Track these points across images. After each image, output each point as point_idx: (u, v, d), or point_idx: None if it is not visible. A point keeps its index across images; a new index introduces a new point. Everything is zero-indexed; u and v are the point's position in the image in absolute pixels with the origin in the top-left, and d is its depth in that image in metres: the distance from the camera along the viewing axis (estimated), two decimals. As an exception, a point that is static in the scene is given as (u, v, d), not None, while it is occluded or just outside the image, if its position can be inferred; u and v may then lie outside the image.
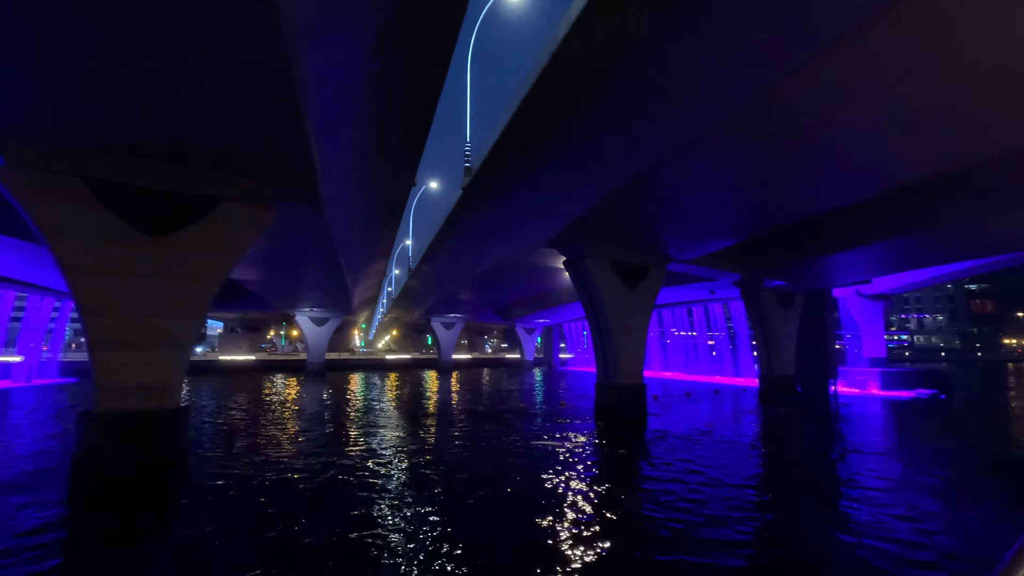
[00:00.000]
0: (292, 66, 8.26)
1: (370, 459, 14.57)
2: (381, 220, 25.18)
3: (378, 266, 41.49)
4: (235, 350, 73.57)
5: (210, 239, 12.81)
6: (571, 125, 13.14)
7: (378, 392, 38.22)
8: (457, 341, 78.43)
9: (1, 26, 7.10)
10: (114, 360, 11.91)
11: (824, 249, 23.83)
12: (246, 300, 49.46)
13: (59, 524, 9.46)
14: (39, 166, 11.00)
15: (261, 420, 22.80)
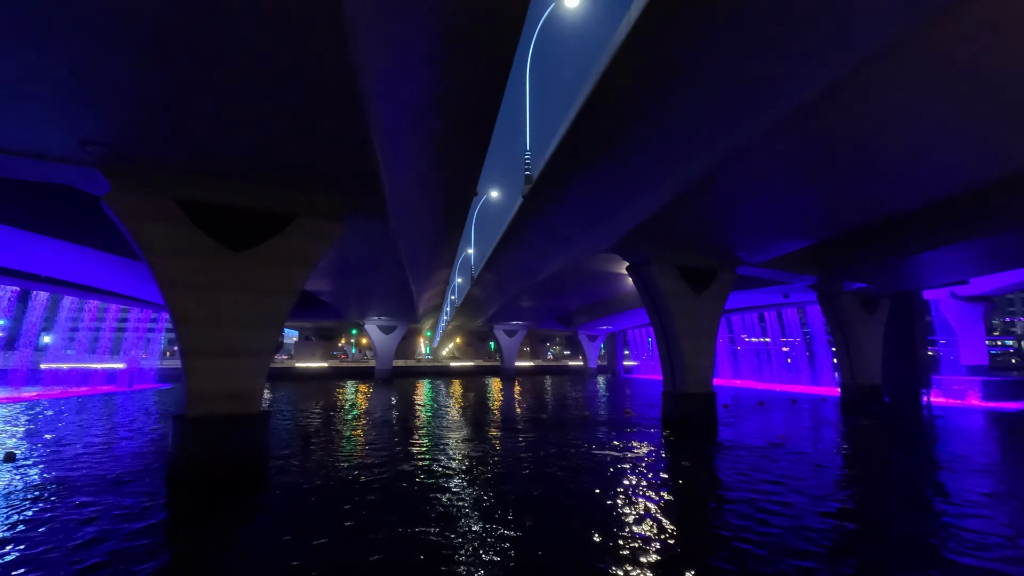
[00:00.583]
0: (360, 89, 8.65)
1: (436, 464, 14.85)
2: (444, 230, 25.77)
3: (442, 275, 42.42)
4: (309, 357, 77.34)
5: (286, 252, 13.58)
6: (634, 127, 12.92)
7: (443, 398, 38.96)
8: (519, 348, 78.73)
9: (118, 71, 7.87)
10: (203, 367, 12.83)
11: (912, 248, 22.10)
12: (319, 310, 52.01)
13: (159, 517, 10.29)
14: (139, 190, 12.08)
15: (334, 425, 23.80)
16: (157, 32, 7.06)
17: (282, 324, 14.22)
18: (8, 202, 19.10)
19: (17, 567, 7.71)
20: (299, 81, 8.37)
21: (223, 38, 7.24)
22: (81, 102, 8.98)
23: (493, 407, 32.44)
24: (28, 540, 8.82)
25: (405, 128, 12.79)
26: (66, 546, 8.59)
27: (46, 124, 9.80)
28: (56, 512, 10.37)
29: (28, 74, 7.98)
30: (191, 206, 12.57)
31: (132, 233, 12.30)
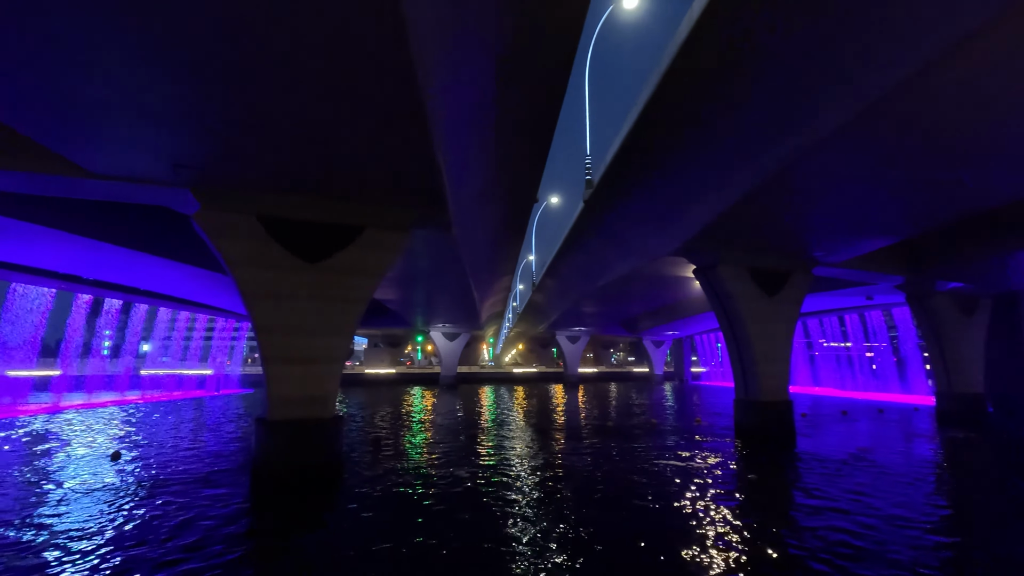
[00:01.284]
0: (425, 110, 8.92)
1: (501, 470, 14.93)
2: (505, 237, 26.01)
3: (504, 282, 42.79)
4: (378, 364, 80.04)
5: (357, 263, 14.16)
6: (702, 124, 12.52)
7: (507, 405, 39.16)
8: (583, 354, 77.94)
9: (209, 102, 8.54)
10: (282, 373, 13.57)
11: (1013, 243, 20.09)
12: (387, 317, 53.80)
13: (245, 513, 10.98)
14: (224, 208, 13.00)
15: (402, 429, 24.47)
16: (244, 67, 7.62)
17: (353, 331, 14.81)
18: (113, 224, 21.06)
19: (122, 551, 8.43)
20: (369, 104, 8.74)
21: (302, 69, 7.70)
22: (175, 130, 9.79)
23: (557, 414, 32.26)
24: (130, 529, 9.63)
25: (466, 141, 13.05)
26: (160, 535, 9.31)
27: (146, 151, 10.75)
28: (154, 505, 11.28)
29: (132, 106, 8.79)
30: (270, 221, 13.37)
31: (218, 248, 13.23)
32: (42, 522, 10.14)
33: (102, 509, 11.06)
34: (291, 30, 6.80)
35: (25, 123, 9.41)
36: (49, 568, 7.94)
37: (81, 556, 8.43)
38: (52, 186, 12.75)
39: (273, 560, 8.70)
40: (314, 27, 6.74)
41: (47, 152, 11.07)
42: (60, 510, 10.97)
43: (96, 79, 7.84)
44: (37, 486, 13.10)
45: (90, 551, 8.65)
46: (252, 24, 6.66)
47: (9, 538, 9.25)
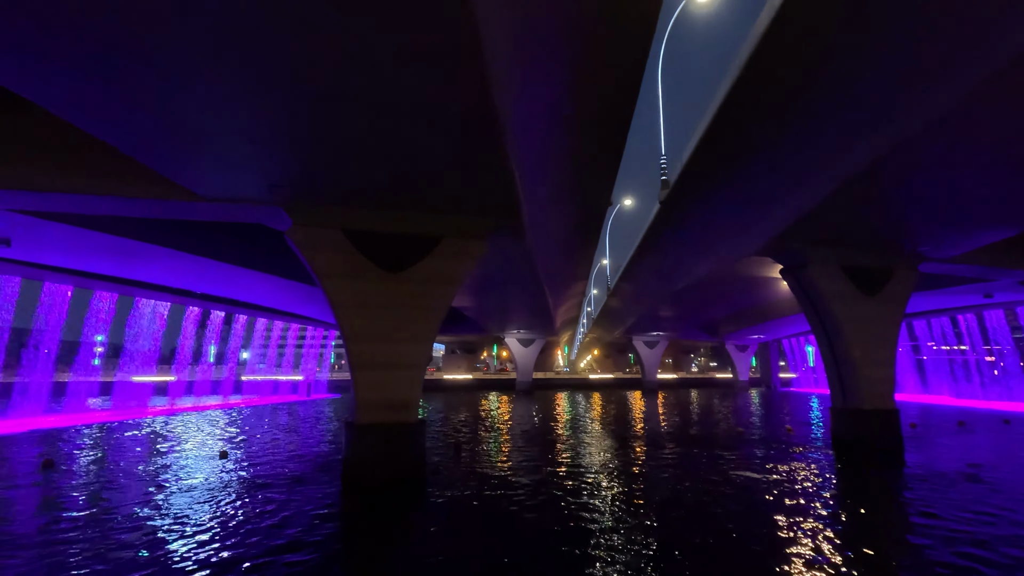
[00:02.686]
0: (499, 122, 9.07)
1: (580, 477, 14.75)
2: (579, 242, 25.82)
3: (577, 287, 42.47)
4: (455, 369, 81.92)
5: (436, 272, 14.59)
6: (789, 112, 11.70)
7: (584, 411, 38.74)
8: (661, 360, 75.70)
9: (302, 125, 9.17)
10: (368, 379, 14.19)
11: None
12: (463, 324, 54.97)
13: (337, 512, 11.59)
14: (314, 223, 13.84)
15: (481, 434, 24.85)
16: (335, 94, 8.14)
17: (433, 338, 15.24)
18: (218, 242, 23.03)
19: (224, 544, 9.13)
20: (446, 118, 9.02)
21: (388, 91, 8.10)
22: (272, 154, 10.57)
23: (636, 420, 31.50)
24: (233, 523, 10.41)
25: (540, 148, 13.11)
26: (259, 530, 9.99)
27: (247, 174, 11.68)
28: (255, 501, 12.14)
29: (236, 134, 9.60)
30: (355, 234, 14.08)
31: (309, 261, 14.10)
32: (160, 511, 11.20)
33: (211, 503, 12.05)
34: (377, 59, 7.16)
35: (147, 154, 10.52)
36: (165, 555, 8.74)
37: (192, 545, 9.21)
38: (168, 210, 14.16)
39: (363, 558, 9.08)
40: (396, 55, 7.05)
41: (165, 180, 12.29)
42: (174, 501, 12.07)
43: (208, 113, 8.64)
44: (158, 480, 14.49)
45: (200, 542, 9.43)
46: (346, 56, 7.08)
47: (131, 523, 10.28)
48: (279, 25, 6.40)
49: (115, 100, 8.20)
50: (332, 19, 6.37)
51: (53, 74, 7.40)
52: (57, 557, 8.68)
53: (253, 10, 6.10)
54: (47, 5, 5.88)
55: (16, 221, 16.09)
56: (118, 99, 8.17)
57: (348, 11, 6.27)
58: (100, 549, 9.06)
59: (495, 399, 53.81)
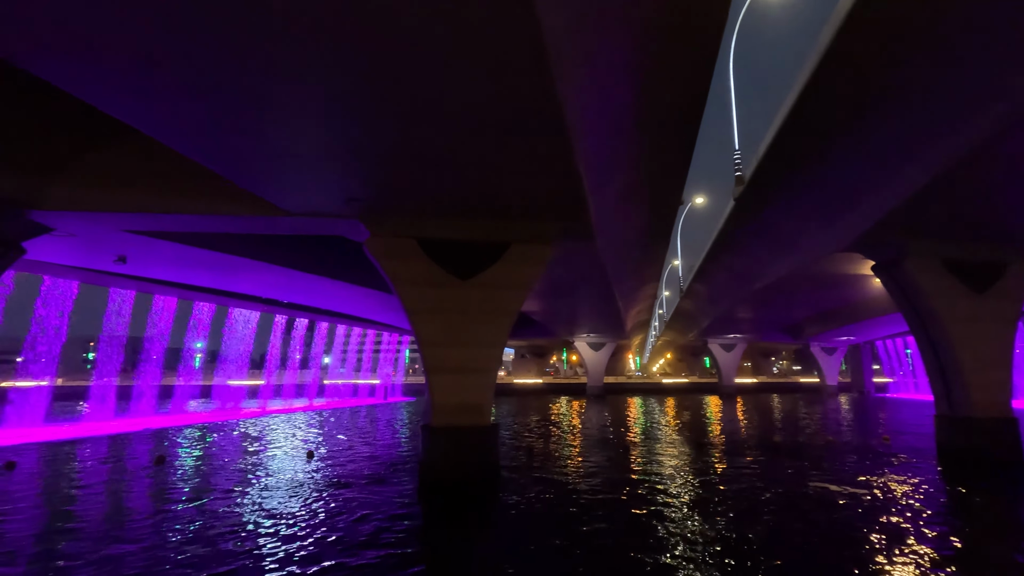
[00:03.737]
0: (566, 126, 9.09)
1: (656, 486, 14.36)
2: (649, 243, 25.26)
3: (648, 289, 41.51)
4: (525, 374, 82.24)
5: (505, 278, 14.77)
6: (885, 91, 10.85)
7: (658, 417, 37.72)
8: (739, 363, 72.36)
9: (376, 142, 9.64)
10: (442, 383, 14.57)
11: None
12: (532, 328, 55.14)
13: (414, 512, 11.96)
14: (389, 234, 14.43)
15: (553, 439, 24.80)
16: (407, 112, 8.52)
17: (504, 343, 15.43)
18: (300, 254, 24.50)
19: (309, 538, 9.66)
20: (512, 125, 9.16)
21: (455, 105, 8.35)
22: (349, 169, 11.16)
23: (713, 427, 30.28)
24: (316, 520, 10.99)
25: (607, 149, 12.99)
26: (342, 527, 10.48)
27: (327, 189, 12.39)
28: (339, 499, 12.76)
29: (318, 153, 10.23)
30: (427, 243, 14.54)
31: (385, 270, 14.71)
32: (254, 505, 12.02)
33: (299, 499, 12.79)
34: (451, 76, 7.40)
35: (240, 175, 11.41)
36: (257, 546, 9.36)
37: (281, 538, 9.81)
38: (258, 225, 15.27)
39: (439, 557, 9.32)
40: (468, 69, 7.26)
41: (255, 198, 13.26)
42: (266, 496, 12.92)
43: (292, 135, 9.29)
44: (252, 476, 15.57)
45: (287, 536, 10.03)
46: (419, 76, 7.38)
47: (229, 515, 11.11)
48: (360, 52, 6.75)
49: (214, 127, 8.98)
50: (408, 49, 6.66)
51: (161, 104, 8.22)
52: (168, 542, 9.54)
53: (342, 44, 6.48)
54: (163, 56, 6.54)
55: (131, 240, 17.89)
56: (216, 126, 8.94)
57: (424, 44, 6.56)
58: (202, 536, 9.87)
59: (565, 404, 53.51)
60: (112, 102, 8.24)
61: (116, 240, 17.67)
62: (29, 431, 27.38)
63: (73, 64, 7.03)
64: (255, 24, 6.09)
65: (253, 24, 6.09)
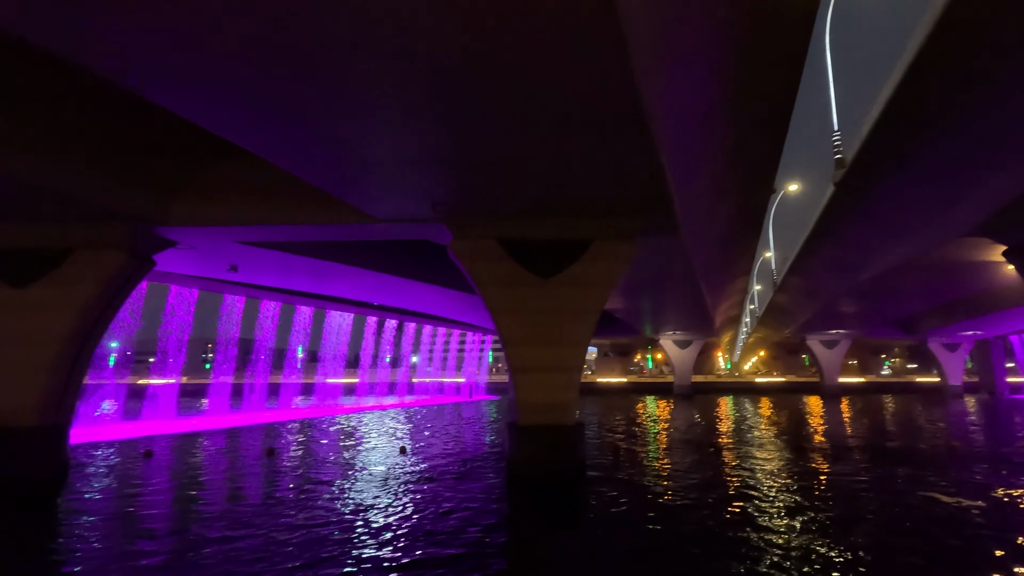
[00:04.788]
0: (646, 111, 8.83)
1: (751, 489, 13.61)
2: (738, 236, 24.03)
3: (738, 284, 39.49)
4: (609, 373, 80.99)
5: (587, 276, 14.62)
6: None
7: (752, 418, 35.75)
8: (843, 361, 66.95)
9: (462, 150, 9.92)
10: (526, 382, 14.68)
11: None
12: (615, 326, 54.21)
13: (502, 508, 12.18)
14: (471, 235, 14.74)
15: (639, 439, 24.24)
16: (489, 117, 8.68)
17: (588, 342, 15.29)
18: (389, 258, 25.69)
19: (400, 529, 10.07)
20: (592, 122, 9.05)
21: (535, 108, 8.40)
22: (433, 175, 11.54)
23: (815, 430, 28.23)
24: (410, 512, 11.45)
25: (691, 139, 12.49)
26: (431, 520, 10.85)
27: (413, 195, 12.88)
28: (429, 493, 13.22)
29: (404, 161, 10.68)
30: (508, 243, 14.71)
31: (468, 271, 15.05)
32: (353, 496, 12.74)
33: (394, 492, 13.40)
34: (530, 75, 7.44)
35: (333, 185, 12.15)
36: (355, 535, 9.90)
37: (376, 527, 10.31)
38: (350, 232, 16.18)
39: (526, 553, 9.39)
40: (548, 71, 7.27)
41: (347, 206, 14.05)
42: (363, 488, 13.64)
43: (380, 145, 9.76)
44: (350, 469, 16.52)
45: (382, 525, 10.52)
46: (502, 81, 7.51)
47: (330, 505, 11.84)
48: (443, 63, 6.96)
49: (310, 144, 9.64)
50: (490, 53, 6.79)
51: (266, 126, 8.95)
52: (278, 526, 10.35)
53: (425, 56, 6.73)
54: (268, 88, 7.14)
55: (241, 251, 19.59)
56: (312, 143, 9.59)
57: (505, 46, 6.65)
58: (306, 524, 10.60)
59: (652, 403, 52.11)
60: (225, 126, 9.09)
61: (229, 251, 19.41)
62: (162, 423, 30.82)
63: (193, 96, 7.87)
64: (341, 52, 6.51)
65: (340, 52, 6.52)
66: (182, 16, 5.81)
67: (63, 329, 13.98)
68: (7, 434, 13.52)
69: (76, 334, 14.23)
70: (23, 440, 13.64)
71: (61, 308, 14.02)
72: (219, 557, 8.81)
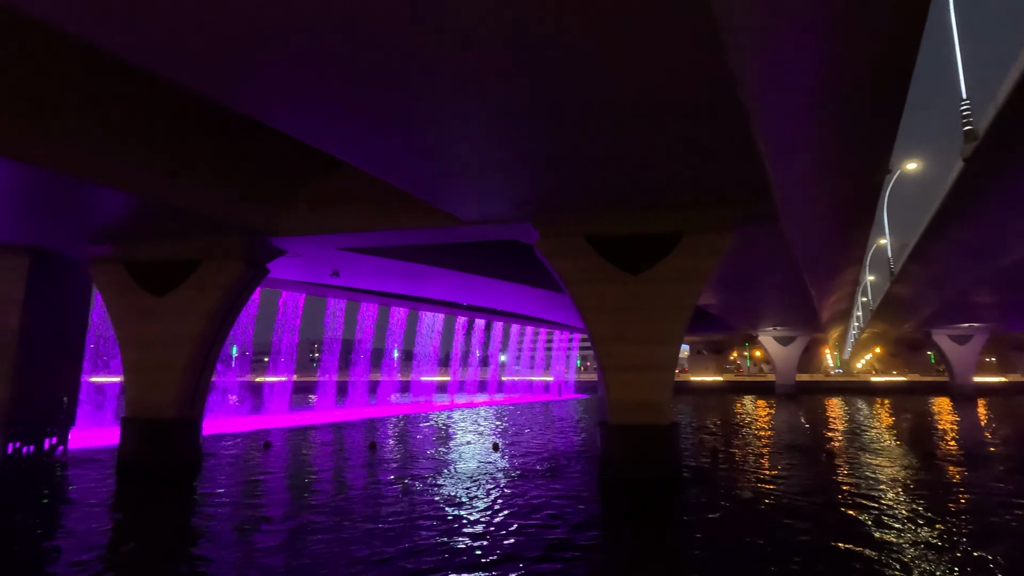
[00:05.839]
0: (742, 98, 8.34)
1: (863, 499, 12.42)
2: (847, 222, 22.07)
3: (848, 275, 36.30)
4: (702, 371, 77.65)
5: (678, 270, 14.07)
6: None
7: (868, 421, 32.73)
8: (978, 358, 59.49)
9: (546, 148, 9.96)
10: (618, 380, 14.40)
11: None
12: (708, 323, 51.77)
13: (596, 509, 12.11)
14: (557, 233, 14.71)
15: (739, 441, 22.99)
16: (576, 117, 8.63)
17: (681, 339, 14.72)
18: (476, 259, 26.28)
19: (492, 523, 10.22)
20: (680, 110, 8.70)
21: (625, 99, 8.20)
22: (518, 176, 11.64)
23: (944, 436, 25.30)
24: (500, 506, 11.61)
25: (792, 120, 11.64)
26: (525, 516, 10.94)
27: (497, 197, 13.08)
28: (522, 490, 13.36)
29: (491, 164, 10.89)
30: (596, 239, 14.51)
31: (555, 269, 15.02)
32: (450, 490, 13.15)
33: (486, 488, 13.69)
34: (617, 68, 7.30)
35: (424, 191, 12.64)
36: (454, 527, 10.19)
37: (468, 523, 10.55)
38: (440, 235, 16.72)
39: (618, 555, 9.20)
40: (634, 59, 7.08)
41: (436, 210, 14.54)
42: (458, 482, 14.05)
43: (467, 150, 10.03)
44: (446, 464, 17.09)
45: (475, 519, 10.76)
46: (588, 76, 7.43)
47: (427, 498, 12.30)
48: (530, 64, 7.01)
49: (403, 152, 10.10)
50: (577, 50, 6.73)
51: (366, 138, 9.50)
52: (380, 515, 10.92)
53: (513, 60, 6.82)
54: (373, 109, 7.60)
55: (342, 257, 20.92)
56: (404, 152, 10.04)
57: (592, 43, 6.59)
58: (406, 514, 11.11)
59: (750, 404, 49.26)
60: (332, 143, 9.84)
61: (331, 257, 20.78)
62: (277, 418, 33.65)
63: (303, 117, 8.65)
64: (432, 66, 6.82)
65: (430, 67, 6.84)
66: (315, 56, 6.60)
67: (195, 332, 15.64)
68: (153, 425, 15.37)
69: (205, 337, 15.87)
70: (165, 430, 15.44)
71: (193, 314, 15.70)
72: (328, 541, 9.47)
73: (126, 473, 15.08)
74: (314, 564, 8.41)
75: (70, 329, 19.13)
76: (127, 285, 16.04)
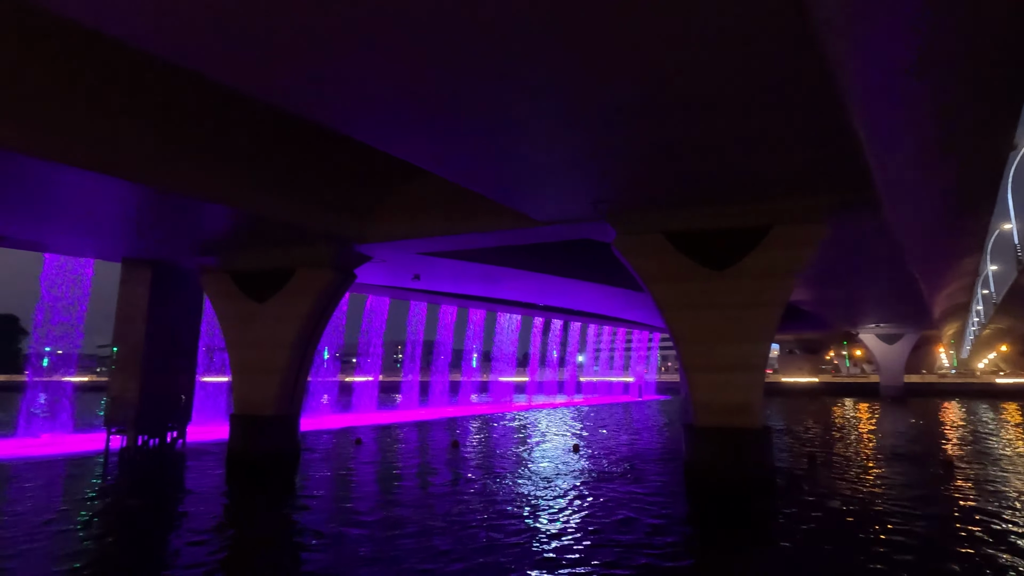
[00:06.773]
0: (835, 75, 7.76)
1: (983, 514, 11.09)
2: (962, 206, 19.88)
3: (965, 265, 32.71)
4: (795, 372, 72.97)
5: (766, 265, 13.31)
6: None
7: (993, 427, 29.33)
8: None
9: (621, 146, 9.83)
10: (702, 381, 13.84)
11: None
12: (800, 321, 48.51)
13: (680, 515, 11.75)
14: (635, 231, 14.38)
15: (838, 447, 21.38)
16: (652, 101, 8.41)
17: (771, 338, 13.93)
18: (552, 260, 26.27)
19: (570, 524, 10.11)
20: (769, 97, 8.26)
21: (709, 87, 7.92)
22: (594, 173, 11.54)
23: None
24: (585, 511, 11.48)
25: (892, 97, 10.67)
26: (606, 520, 10.76)
27: (572, 196, 13.02)
28: (603, 493, 13.17)
29: (565, 164, 10.88)
30: (675, 236, 14.04)
31: (634, 267, 14.70)
32: (530, 490, 13.21)
33: (567, 489, 13.62)
34: (701, 57, 7.07)
35: (500, 194, 12.84)
36: (535, 526, 10.21)
37: (548, 522, 10.52)
38: (516, 237, 16.89)
39: (703, 564, 8.83)
40: (720, 47, 6.84)
41: (512, 212, 14.71)
42: (539, 482, 14.08)
43: (540, 151, 10.11)
44: (526, 464, 17.19)
45: (554, 518, 10.72)
46: (670, 66, 7.27)
47: (508, 497, 12.40)
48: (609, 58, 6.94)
49: (480, 156, 10.35)
50: (659, 41, 6.59)
51: (442, 146, 9.83)
52: (464, 511, 11.18)
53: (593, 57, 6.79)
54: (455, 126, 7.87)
55: (422, 261, 21.69)
56: (481, 155, 10.28)
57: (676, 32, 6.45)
58: (487, 511, 11.29)
59: (851, 407, 45.66)
60: (409, 152, 10.30)
61: (412, 262, 21.58)
62: (365, 416, 35.39)
63: (387, 129, 9.20)
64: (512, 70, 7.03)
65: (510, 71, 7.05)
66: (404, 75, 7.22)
67: (291, 335, 16.79)
68: (257, 421, 16.66)
69: (301, 339, 16.99)
70: (267, 426, 16.68)
71: (290, 318, 16.86)
72: (415, 534, 9.84)
73: (234, 464, 16.45)
74: (401, 555, 8.77)
75: (185, 334, 21.20)
76: (233, 292, 17.49)
